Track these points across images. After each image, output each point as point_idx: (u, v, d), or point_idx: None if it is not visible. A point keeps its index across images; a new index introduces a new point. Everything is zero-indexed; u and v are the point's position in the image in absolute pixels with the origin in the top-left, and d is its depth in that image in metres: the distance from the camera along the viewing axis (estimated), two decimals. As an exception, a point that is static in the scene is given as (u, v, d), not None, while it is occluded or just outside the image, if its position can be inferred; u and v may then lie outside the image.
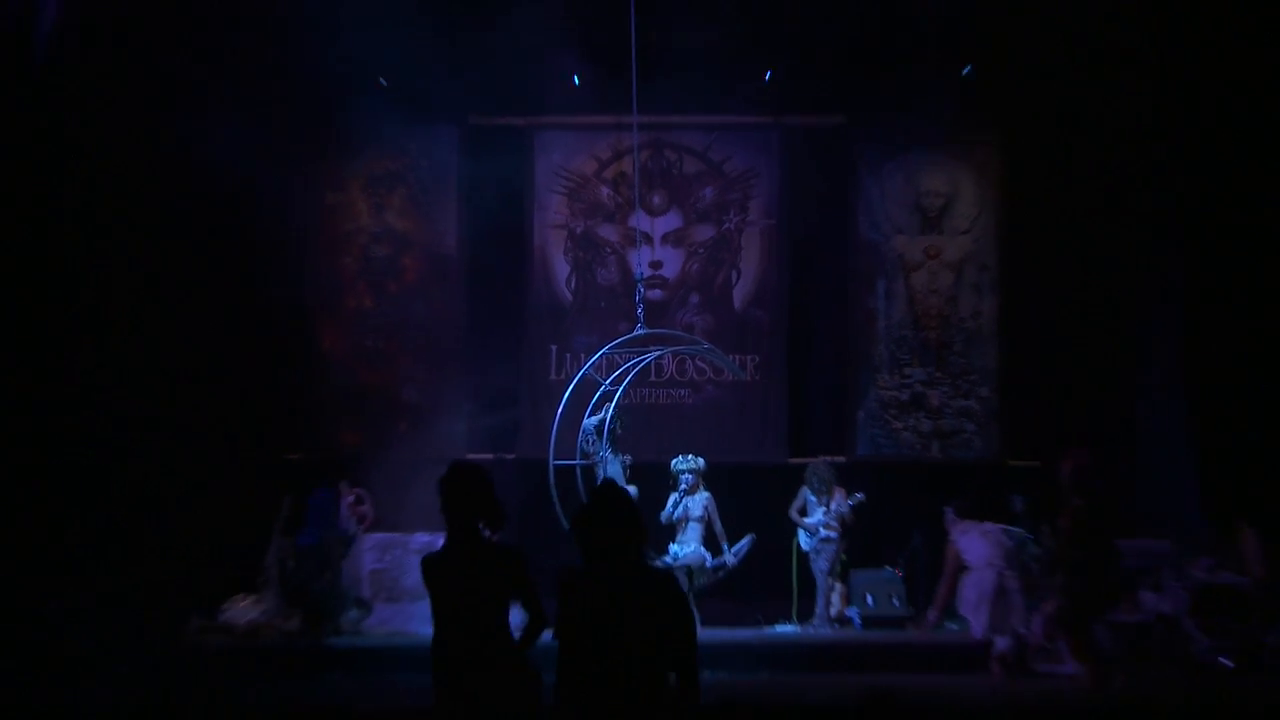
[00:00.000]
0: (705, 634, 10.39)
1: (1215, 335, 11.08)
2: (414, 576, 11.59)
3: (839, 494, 11.46)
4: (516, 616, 5.03)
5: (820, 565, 11.36)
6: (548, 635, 4.63)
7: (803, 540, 11.47)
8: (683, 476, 11.24)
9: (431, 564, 5.05)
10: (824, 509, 11.42)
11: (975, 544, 10.63)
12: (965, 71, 12.89)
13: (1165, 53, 10.74)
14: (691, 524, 11.15)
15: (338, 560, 10.95)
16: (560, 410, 11.23)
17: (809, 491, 11.55)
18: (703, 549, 11.11)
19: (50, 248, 10.13)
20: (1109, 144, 12.08)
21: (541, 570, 5.51)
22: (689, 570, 10.97)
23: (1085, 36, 11.84)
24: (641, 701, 4.30)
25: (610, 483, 5.28)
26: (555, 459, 11.03)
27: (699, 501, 11.19)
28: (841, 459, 12.69)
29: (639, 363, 11.75)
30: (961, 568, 10.80)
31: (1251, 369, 10.74)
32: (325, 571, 10.80)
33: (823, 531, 11.33)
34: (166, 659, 9.56)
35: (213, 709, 7.70)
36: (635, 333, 11.67)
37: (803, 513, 11.52)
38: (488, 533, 5.19)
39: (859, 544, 11.68)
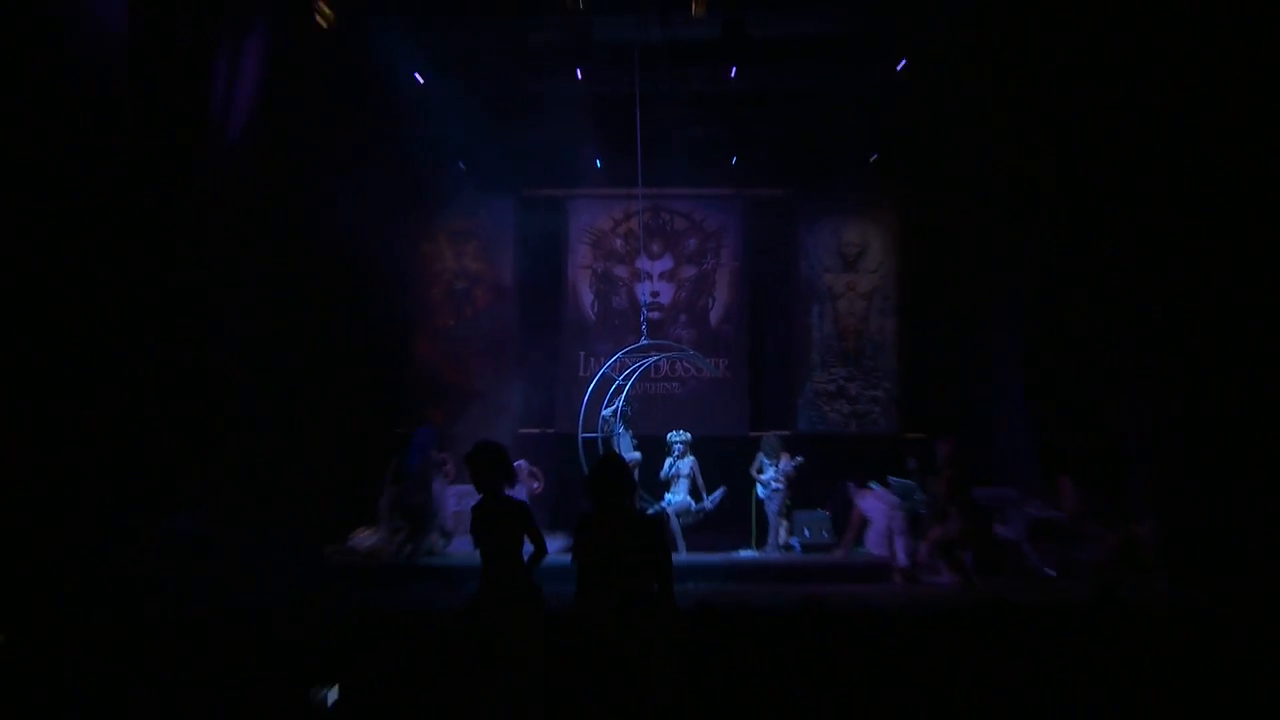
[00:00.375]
0: (689, 557, 10.63)
1: (1046, 348, 10.95)
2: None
3: (784, 457, 11.48)
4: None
5: (771, 508, 11.42)
6: (564, 559, 4.78)
7: (759, 490, 11.53)
8: (674, 445, 11.35)
9: (474, 510, 5.22)
10: (774, 468, 11.45)
11: (872, 504, 10.82)
12: (872, 159, 13.16)
13: (1012, 147, 10.88)
14: (681, 479, 11.26)
15: (430, 482, 10.92)
16: (586, 398, 11.39)
17: (764, 455, 11.58)
18: (689, 497, 11.23)
19: (237, 282, 10.16)
20: (974, 211, 12.17)
21: (572, 512, 5.55)
22: (678, 512, 11.10)
23: (955, 136, 11.91)
24: (634, 604, 4.49)
25: (610, 453, 5.36)
26: (583, 432, 11.16)
27: (686, 463, 11.30)
28: (787, 432, 12.77)
29: (641, 365, 11.92)
30: (864, 521, 10.97)
31: (1069, 372, 10.65)
32: (422, 490, 10.79)
33: (773, 484, 11.38)
34: (311, 573, 9.68)
35: (342, 607, 7.90)
36: (640, 343, 11.95)
37: (759, 470, 11.55)
38: (509, 489, 5.26)
39: (799, 493, 11.67)
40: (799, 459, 11.55)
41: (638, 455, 11.16)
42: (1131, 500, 9.66)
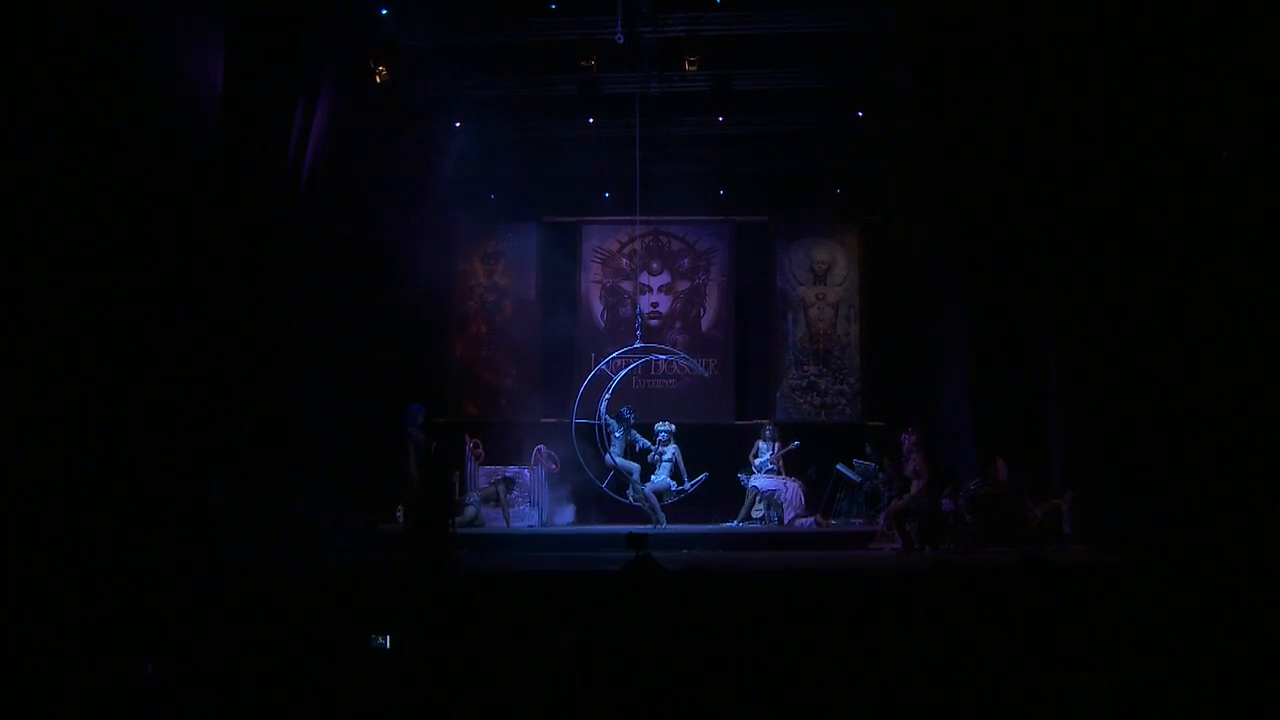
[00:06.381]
0: (681, 528, 10.64)
1: (985, 350, 10.83)
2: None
3: (779, 444, 11.41)
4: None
5: (762, 486, 11.24)
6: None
7: (755, 471, 11.39)
8: (659, 434, 11.40)
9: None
10: (770, 451, 11.37)
11: (783, 485, 11.13)
12: (838, 190, 13.30)
13: (955, 179, 10.91)
14: (664, 464, 11.27)
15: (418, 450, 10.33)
16: (581, 390, 11.54)
17: (761, 441, 11.45)
18: (670, 480, 11.22)
19: (312, 298, 10.34)
20: (924, 234, 12.25)
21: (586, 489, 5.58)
22: (658, 491, 11.06)
23: (907, 170, 12.12)
24: (439, 530, 6.54)
25: (435, 459, 6.30)
26: (575, 419, 11.36)
27: (670, 450, 11.32)
28: (768, 421, 12.47)
29: (632, 366, 12.14)
30: (756, 495, 11.07)
31: (1004, 371, 10.59)
32: (415, 454, 10.34)
33: (767, 466, 11.28)
34: (364, 540, 9.76)
35: (391, 566, 8.01)
36: (635, 345, 12.06)
37: (755, 455, 11.44)
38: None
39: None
40: (791, 445, 11.49)
41: (634, 465, 11.13)
42: (1054, 478, 9.73)
